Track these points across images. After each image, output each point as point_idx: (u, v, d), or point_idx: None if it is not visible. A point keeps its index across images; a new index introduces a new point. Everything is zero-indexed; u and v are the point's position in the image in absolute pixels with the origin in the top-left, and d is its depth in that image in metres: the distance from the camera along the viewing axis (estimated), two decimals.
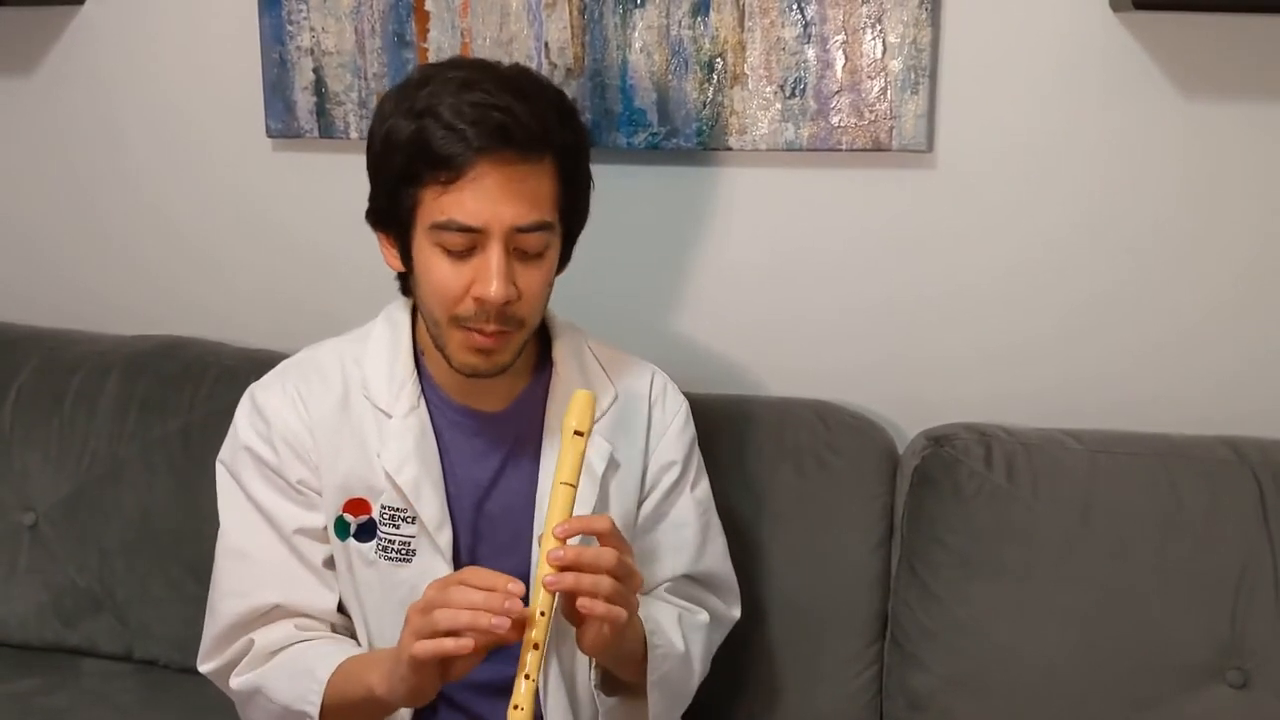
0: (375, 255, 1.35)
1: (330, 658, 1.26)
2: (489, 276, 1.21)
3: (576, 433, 1.19)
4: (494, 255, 1.21)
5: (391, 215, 1.27)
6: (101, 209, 2.05)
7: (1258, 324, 1.63)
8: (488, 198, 1.20)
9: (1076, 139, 1.62)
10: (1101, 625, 1.49)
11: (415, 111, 1.21)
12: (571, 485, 1.17)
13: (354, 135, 1.85)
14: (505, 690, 1.30)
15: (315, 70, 1.85)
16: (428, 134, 1.20)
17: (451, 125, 1.19)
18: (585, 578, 1.13)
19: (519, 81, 1.24)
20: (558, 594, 1.14)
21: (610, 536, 1.16)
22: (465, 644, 1.10)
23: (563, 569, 1.13)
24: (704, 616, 1.40)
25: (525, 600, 1.13)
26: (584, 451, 1.19)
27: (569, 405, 1.22)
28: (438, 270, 1.23)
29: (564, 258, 1.33)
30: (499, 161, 1.20)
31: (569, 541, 1.14)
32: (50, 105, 2.04)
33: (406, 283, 1.34)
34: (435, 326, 1.27)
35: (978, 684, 1.53)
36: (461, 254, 1.22)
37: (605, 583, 1.13)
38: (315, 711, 1.24)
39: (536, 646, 1.12)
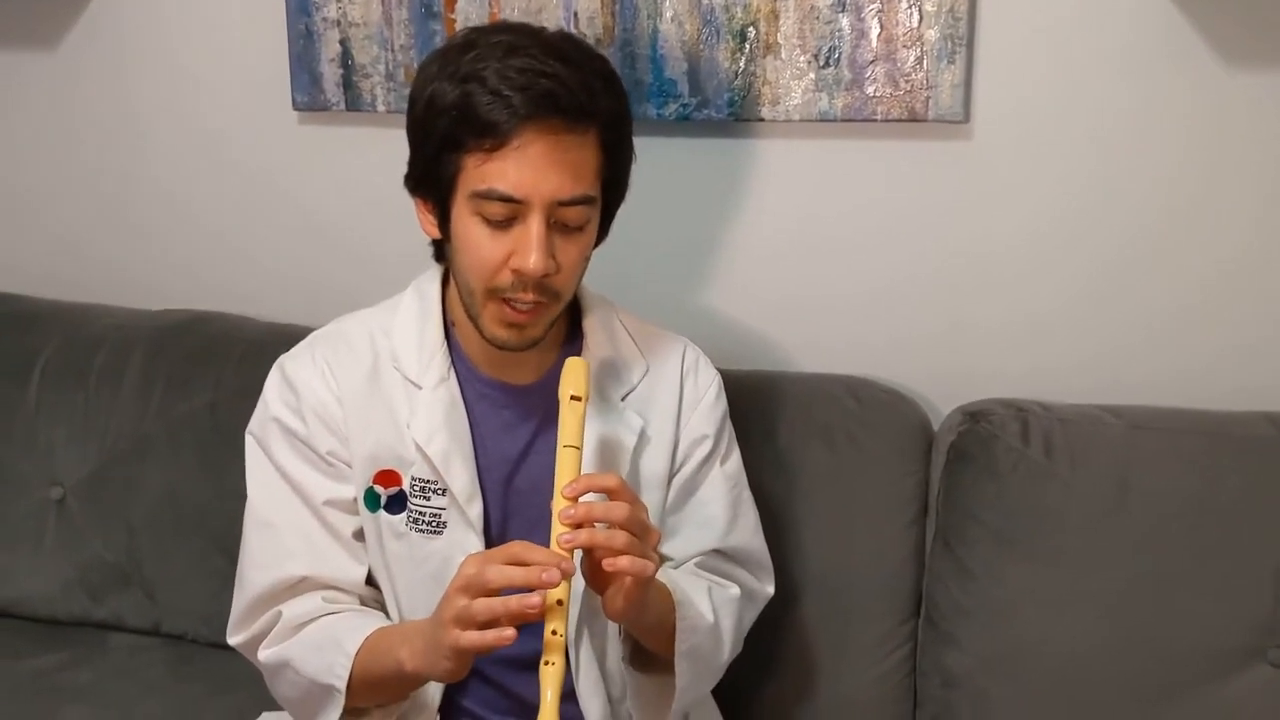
0: (402, 229, 1.33)
1: (358, 631, 1.25)
2: (528, 249, 1.19)
3: (574, 397, 1.20)
4: (534, 227, 1.19)
5: (431, 181, 1.24)
6: (125, 183, 2.04)
7: None
8: (531, 168, 1.18)
9: (1117, 110, 1.59)
10: (1139, 606, 1.47)
11: (460, 76, 1.19)
12: (575, 448, 1.17)
13: (381, 108, 1.84)
14: (535, 665, 1.29)
15: (342, 42, 1.83)
16: (473, 100, 1.18)
17: (497, 91, 1.17)
18: (599, 532, 1.12)
19: (564, 48, 1.22)
20: (576, 553, 1.13)
21: (620, 492, 1.15)
22: (508, 635, 1.09)
23: (575, 526, 1.12)
24: (735, 590, 1.38)
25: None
26: (583, 415, 1.20)
27: (563, 373, 1.22)
28: (476, 240, 1.21)
29: (602, 231, 1.31)
30: (545, 130, 1.18)
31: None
32: (73, 79, 2.03)
33: (441, 250, 1.32)
34: (470, 296, 1.26)
35: (1013, 663, 1.51)
36: (501, 224, 1.20)
37: (620, 536, 1.12)
38: (342, 685, 1.23)
39: (560, 603, 1.11)
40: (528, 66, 1.17)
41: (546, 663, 1.10)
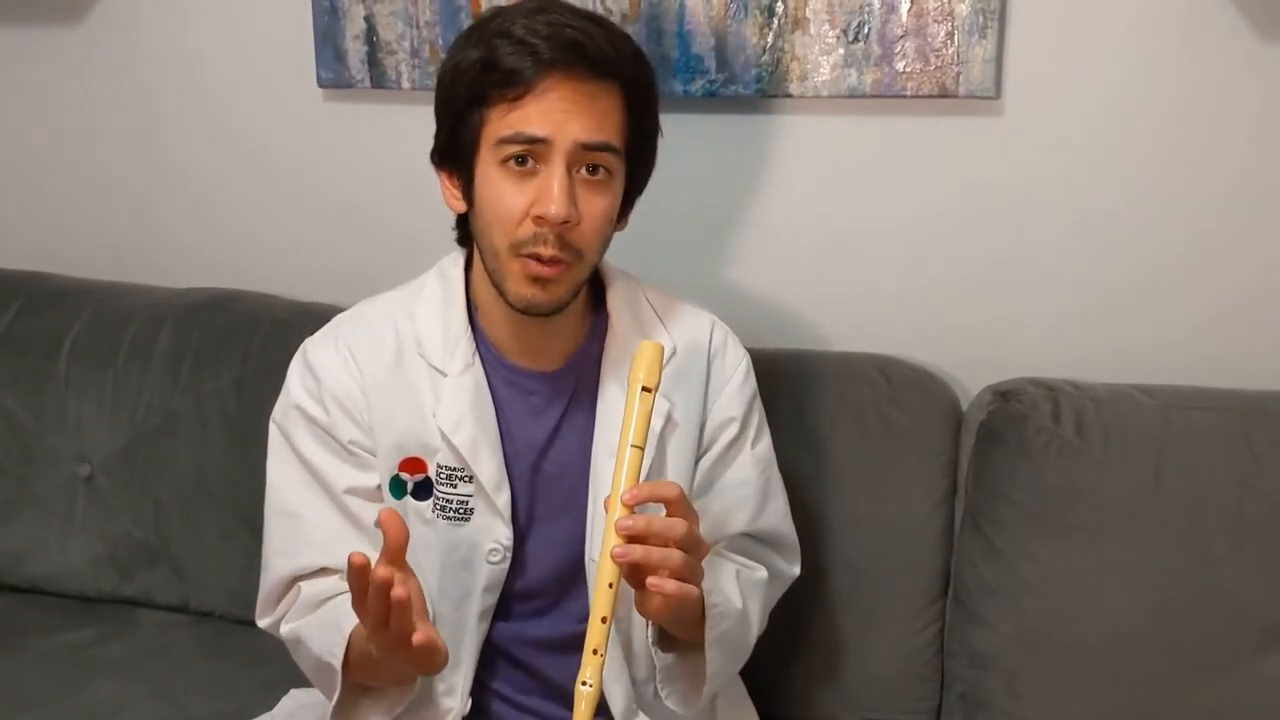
0: (427, 207, 1.32)
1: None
2: (549, 195, 1.18)
3: (645, 389, 1.15)
4: (556, 171, 1.19)
5: (456, 146, 1.24)
6: (148, 162, 2.04)
7: None
8: (556, 110, 1.18)
9: (1151, 84, 1.57)
10: (1173, 585, 1.46)
11: (488, 34, 1.20)
12: (641, 448, 1.13)
13: (405, 85, 1.83)
14: (564, 646, 1.31)
15: (366, 19, 1.83)
16: (498, 52, 1.18)
17: (524, 41, 1.18)
18: (655, 551, 1.10)
19: (594, 15, 1.24)
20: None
21: (679, 504, 1.13)
22: (400, 595, 1.06)
23: (630, 539, 1.10)
24: (762, 573, 1.38)
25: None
26: (651, 409, 1.15)
27: (635, 357, 1.17)
28: (499, 192, 1.21)
29: (626, 208, 1.30)
30: (569, 76, 1.18)
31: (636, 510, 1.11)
32: (96, 57, 2.03)
33: (465, 228, 1.31)
34: (494, 259, 1.24)
35: (1042, 643, 1.50)
36: (524, 172, 1.20)
37: (675, 556, 1.11)
38: (338, 664, 1.23)
39: (605, 620, 1.09)
40: (555, 20, 1.18)
41: (583, 683, 1.08)
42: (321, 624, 1.28)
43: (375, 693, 1.29)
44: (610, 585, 1.09)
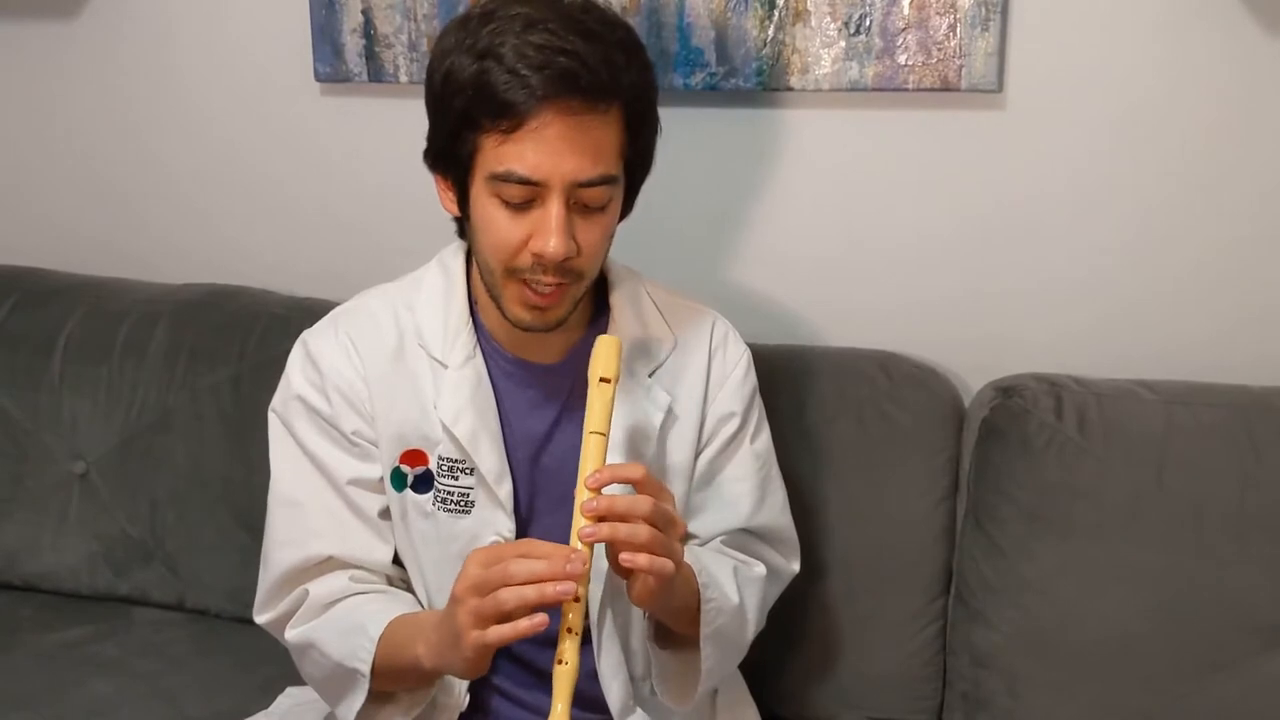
0: (425, 202, 1.31)
1: (383, 614, 1.24)
2: (548, 232, 1.17)
3: (603, 379, 1.16)
4: (554, 209, 1.17)
5: (449, 159, 1.22)
6: (147, 154, 2.03)
7: None
8: (550, 150, 1.15)
9: (1155, 77, 1.56)
10: (1176, 583, 1.45)
11: (477, 50, 1.16)
12: (602, 434, 1.14)
13: (403, 79, 1.82)
14: None
15: (364, 12, 1.81)
16: (490, 78, 1.14)
17: (514, 69, 1.14)
18: (621, 527, 1.10)
19: (585, 20, 1.18)
20: (596, 545, 1.11)
21: (645, 484, 1.13)
22: (540, 621, 1.07)
23: (598, 519, 1.10)
24: (760, 569, 1.37)
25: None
26: (612, 398, 1.16)
27: (594, 352, 1.18)
28: (495, 221, 1.19)
29: (626, 206, 1.29)
30: (563, 110, 1.14)
31: (605, 491, 1.12)
32: (94, 51, 2.02)
33: (463, 226, 1.30)
34: (490, 276, 1.24)
35: (1045, 642, 1.49)
36: (520, 206, 1.18)
37: (643, 531, 1.10)
38: (366, 669, 1.22)
39: (577, 599, 1.09)
40: (546, 43, 1.14)
41: (560, 661, 1.08)
42: (341, 628, 1.26)
43: (393, 698, 1.28)
44: (583, 564, 1.10)
